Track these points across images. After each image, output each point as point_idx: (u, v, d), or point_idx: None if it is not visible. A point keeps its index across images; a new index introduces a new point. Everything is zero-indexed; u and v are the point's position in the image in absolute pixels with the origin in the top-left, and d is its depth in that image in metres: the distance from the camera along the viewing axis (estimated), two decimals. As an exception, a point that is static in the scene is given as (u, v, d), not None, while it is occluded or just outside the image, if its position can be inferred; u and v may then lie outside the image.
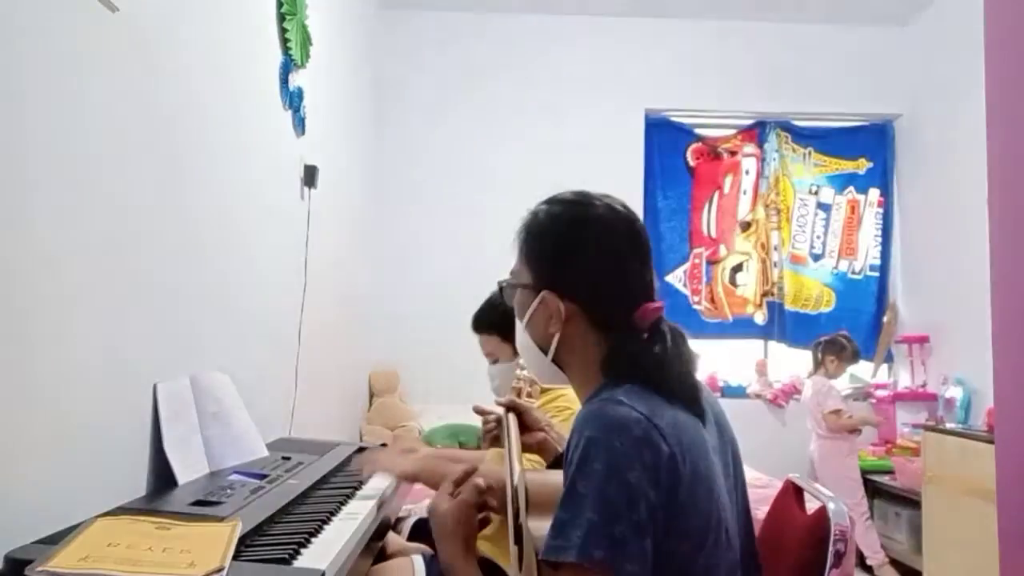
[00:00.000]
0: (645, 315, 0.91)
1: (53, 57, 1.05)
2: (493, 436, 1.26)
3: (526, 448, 1.15)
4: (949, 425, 3.27)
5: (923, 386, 3.93)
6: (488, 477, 1.02)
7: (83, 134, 1.13)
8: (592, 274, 0.94)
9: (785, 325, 4.18)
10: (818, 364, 3.68)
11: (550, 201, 1.00)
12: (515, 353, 1.59)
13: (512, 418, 1.15)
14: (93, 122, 1.16)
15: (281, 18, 2.14)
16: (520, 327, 1.01)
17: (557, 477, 0.86)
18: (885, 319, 4.19)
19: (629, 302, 0.92)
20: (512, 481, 0.94)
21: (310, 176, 2.40)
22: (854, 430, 3.57)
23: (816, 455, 3.61)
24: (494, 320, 1.66)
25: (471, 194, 4.01)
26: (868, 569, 3.40)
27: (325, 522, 1.18)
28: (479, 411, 1.34)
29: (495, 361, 1.70)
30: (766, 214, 4.26)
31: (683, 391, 0.87)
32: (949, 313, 3.73)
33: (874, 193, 4.28)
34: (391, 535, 1.66)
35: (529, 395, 1.26)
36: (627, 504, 0.76)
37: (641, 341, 0.90)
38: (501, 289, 1.04)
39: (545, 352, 0.98)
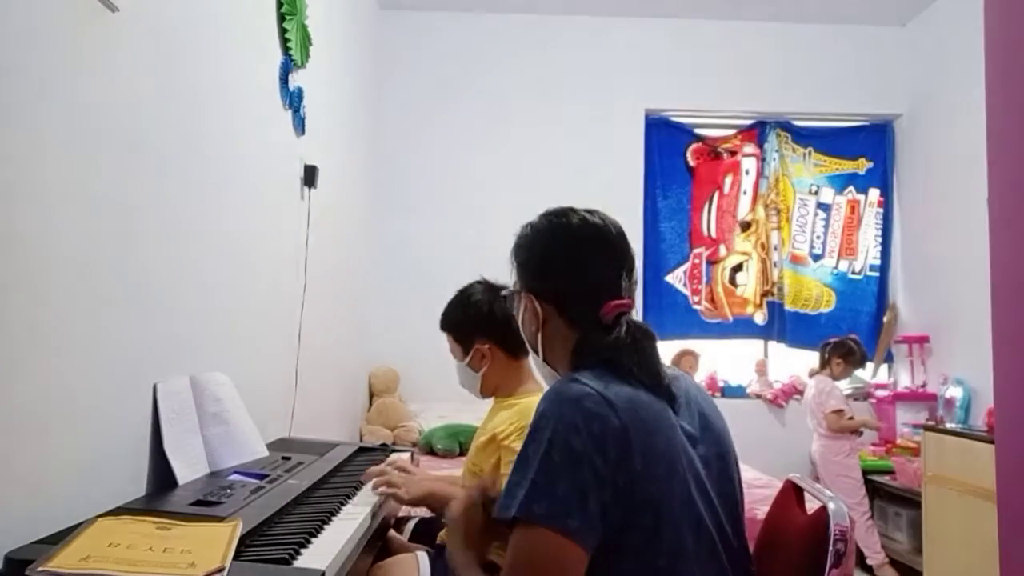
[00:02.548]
0: (608, 311, 1.00)
1: (53, 57, 1.05)
2: None
3: None
4: (949, 425, 3.27)
5: (923, 386, 3.93)
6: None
7: (82, 134, 1.13)
8: (561, 276, 1.05)
9: (785, 325, 4.18)
10: (823, 364, 3.68)
11: (539, 216, 1.12)
12: (464, 354, 1.65)
13: None
14: (93, 122, 1.16)
15: (281, 18, 2.14)
16: (522, 332, 1.13)
17: None
18: (885, 319, 4.19)
19: (594, 300, 1.01)
20: None
21: (310, 176, 2.41)
22: (855, 431, 3.57)
23: (817, 455, 3.61)
24: (450, 319, 1.71)
25: (471, 193, 4.00)
26: (868, 569, 3.40)
27: (325, 522, 1.18)
28: None
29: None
30: (766, 214, 4.25)
31: (642, 373, 0.94)
32: (949, 313, 3.73)
33: (874, 193, 4.28)
34: (393, 535, 1.66)
35: None
36: (570, 466, 0.83)
37: (602, 331, 0.99)
38: (505, 299, 1.15)
39: (537, 352, 1.09)
